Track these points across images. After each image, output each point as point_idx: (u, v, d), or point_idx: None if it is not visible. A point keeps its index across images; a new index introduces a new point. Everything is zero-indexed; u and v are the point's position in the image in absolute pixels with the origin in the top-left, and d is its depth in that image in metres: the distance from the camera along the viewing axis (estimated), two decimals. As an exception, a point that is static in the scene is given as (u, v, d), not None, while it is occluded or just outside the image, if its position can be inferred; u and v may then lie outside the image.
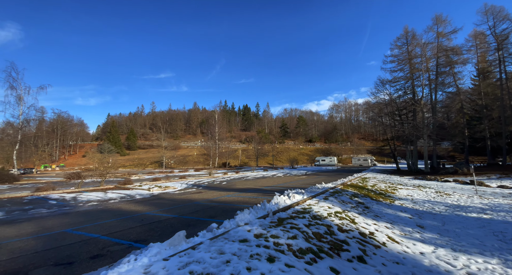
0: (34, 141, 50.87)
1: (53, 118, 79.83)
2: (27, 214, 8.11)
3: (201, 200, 10.11)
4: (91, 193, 13.24)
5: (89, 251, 4.12)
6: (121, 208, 8.88)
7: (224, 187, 15.97)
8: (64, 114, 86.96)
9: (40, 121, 60.38)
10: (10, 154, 35.21)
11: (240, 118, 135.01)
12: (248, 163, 69.89)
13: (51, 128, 79.78)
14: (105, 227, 5.84)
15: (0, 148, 39.46)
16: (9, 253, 4.15)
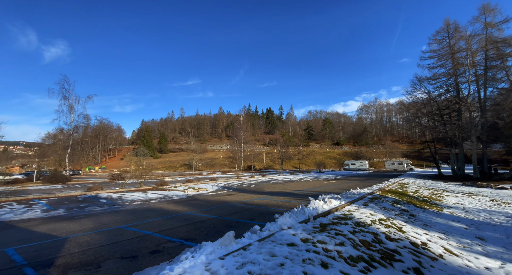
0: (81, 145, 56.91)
1: (96, 125, 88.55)
2: (84, 211, 9.05)
3: (235, 202, 10.32)
4: (133, 193, 14.34)
5: (147, 246, 4.46)
6: (163, 207, 9.46)
7: (253, 189, 16.10)
8: (105, 121, 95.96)
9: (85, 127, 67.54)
10: (62, 157, 39.86)
11: (263, 121, 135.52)
12: (273, 166, 69.56)
13: (94, 134, 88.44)
14: (154, 225, 6.28)
15: (54, 152, 44.96)
16: (79, 246, 4.68)
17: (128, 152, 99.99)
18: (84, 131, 68.84)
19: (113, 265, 3.58)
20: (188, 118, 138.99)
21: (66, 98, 28.81)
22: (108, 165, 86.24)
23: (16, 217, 7.93)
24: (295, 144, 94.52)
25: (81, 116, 31.26)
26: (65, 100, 28.81)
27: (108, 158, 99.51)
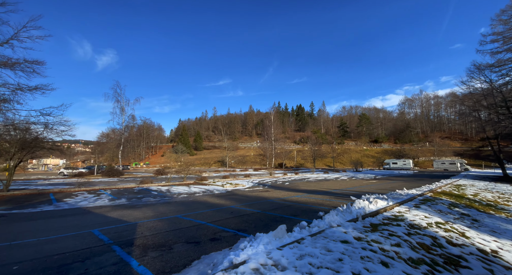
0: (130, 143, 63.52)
1: (140, 125, 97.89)
2: (141, 201, 10.24)
3: (273, 198, 10.53)
4: (178, 187, 15.64)
5: (205, 234, 4.92)
6: (207, 200, 10.16)
7: (288, 187, 16.12)
8: (147, 121, 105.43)
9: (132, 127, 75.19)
10: (115, 153, 45.21)
11: (293, 118, 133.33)
12: (304, 164, 68.19)
13: (139, 132, 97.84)
14: (205, 216, 6.83)
15: (108, 149, 51.19)
16: (148, 230, 5.37)
17: (167, 149, 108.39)
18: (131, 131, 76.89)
19: (182, 248, 4.07)
20: (220, 117, 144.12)
21: (118, 101, 32.68)
22: (151, 161, 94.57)
23: (90, 204, 9.38)
24: (328, 141, 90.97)
25: (130, 117, 34.98)
26: (117, 103, 32.72)
27: (151, 154, 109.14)
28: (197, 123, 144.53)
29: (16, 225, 6.12)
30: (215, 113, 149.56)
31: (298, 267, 2.95)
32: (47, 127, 11.10)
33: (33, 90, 10.17)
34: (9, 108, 9.85)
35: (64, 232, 5.29)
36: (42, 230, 5.57)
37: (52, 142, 12.78)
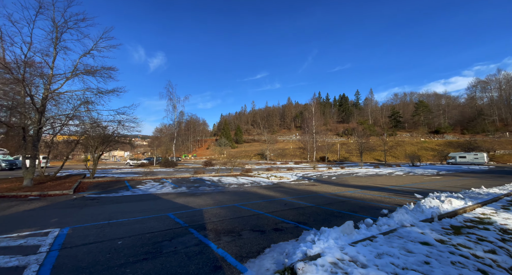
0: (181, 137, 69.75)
1: (188, 120, 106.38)
2: (199, 190, 11.21)
3: (323, 193, 10.25)
4: (227, 178, 16.60)
5: (267, 224, 5.12)
6: (257, 191, 10.51)
7: (336, 182, 15.44)
8: (194, 116, 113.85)
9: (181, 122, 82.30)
10: (169, 146, 50.40)
11: (335, 109, 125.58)
12: (349, 158, 64.08)
13: (187, 127, 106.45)
14: (261, 206, 7.10)
15: (162, 143, 57.32)
16: (214, 217, 5.86)
17: (211, 143, 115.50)
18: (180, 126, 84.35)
19: (250, 235, 4.32)
20: (259, 110, 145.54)
21: (171, 99, 36.15)
22: (198, 153, 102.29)
23: (158, 191, 10.71)
24: (376, 133, 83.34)
25: (180, 113, 38.30)
26: (170, 101, 36.17)
27: (197, 147, 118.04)
28: (237, 118, 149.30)
29: (107, 206, 7.43)
30: (253, 107, 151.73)
31: (380, 266, 2.81)
32: (120, 124, 13.03)
33: (110, 93, 12.03)
34: (94, 109, 11.88)
35: (145, 214, 6.19)
36: (128, 211, 6.63)
37: (124, 136, 14.97)
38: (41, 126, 10.49)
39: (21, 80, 8.98)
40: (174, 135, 36.76)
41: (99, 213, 6.43)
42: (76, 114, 11.72)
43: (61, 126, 11.84)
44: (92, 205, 7.50)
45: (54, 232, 4.60)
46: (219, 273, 2.89)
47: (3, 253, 3.50)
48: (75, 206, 7.32)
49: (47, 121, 11.01)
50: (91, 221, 5.46)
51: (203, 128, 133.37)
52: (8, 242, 4.02)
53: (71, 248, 3.72)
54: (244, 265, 3.08)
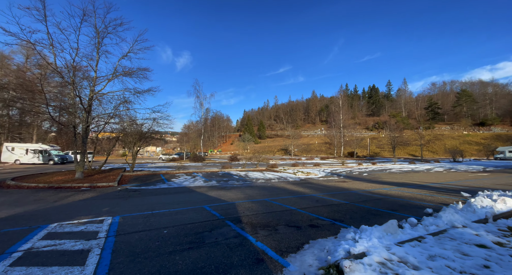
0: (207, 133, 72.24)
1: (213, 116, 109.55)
2: (228, 184, 11.54)
3: (356, 190, 9.84)
4: (254, 173, 16.82)
5: (301, 220, 5.09)
6: (286, 187, 10.49)
7: (368, 178, 14.71)
8: (218, 113, 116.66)
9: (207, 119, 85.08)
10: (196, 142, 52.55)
11: (365, 101, 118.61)
12: (380, 154, 60.48)
13: (212, 124, 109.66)
14: (292, 202, 7.07)
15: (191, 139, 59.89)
16: (248, 210, 5.99)
17: (235, 138, 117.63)
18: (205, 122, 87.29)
19: (286, 231, 4.34)
20: (281, 105, 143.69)
21: (198, 97, 37.43)
22: (223, 148, 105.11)
23: (191, 185, 11.27)
24: (411, 126, 77.28)
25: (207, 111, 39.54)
26: (197, 98, 37.48)
27: (222, 143, 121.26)
28: (259, 113, 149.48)
29: (148, 198, 8.03)
30: (276, 102, 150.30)
31: (434, 268, 2.62)
32: (155, 122, 13.92)
33: (146, 93, 12.87)
34: (132, 108, 12.84)
35: (183, 206, 6.56)
36: (167, 203, 7.09)
37: (158, 133, 15.96)
38: (88, 125, 11.66)
39: (71, 83, 10.05)
40: (201, 132, 38.21)
41: (142, 203, 6.99)
42: (117, 113, 12.76)
43: (104, 124, 13.04)
44: (135, 196, 8.17)
45: (108, 220, 5.12)
46: (262, 265, 2.95)
47: (69, 238, 4.00)
48: (120, 197, 8.05)
49: (93, 120, 12.18)
50: (137, 211, 5.96)
51: (227, 124, 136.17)
52: (71, 227, 4.58)
53: (124, 235, 4.11)
54: (286, 260, 3.10)
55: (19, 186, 9.82)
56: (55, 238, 3.94)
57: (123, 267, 2.92)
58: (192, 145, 60.07)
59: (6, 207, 6.38)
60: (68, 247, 3.58)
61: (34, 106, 10.37)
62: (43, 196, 8.09)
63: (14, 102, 10.69)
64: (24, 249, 3.47)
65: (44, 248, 3.50)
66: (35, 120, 33.44)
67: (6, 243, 3.73)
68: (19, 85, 10.70)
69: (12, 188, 9.62)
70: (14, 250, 3.45)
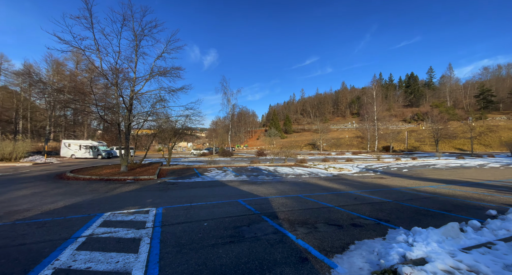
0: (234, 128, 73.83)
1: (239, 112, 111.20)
2: (258, 179, 11.58)
3: (397, 187, 9.08)
4: (282, 168, 16.66)
5: (341, 218, 4.83)
6: (318, 183, 10.14)
7: (409, 174, 13.49)
8: (244, 108, 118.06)
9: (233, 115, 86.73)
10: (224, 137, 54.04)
11: (402, 91, 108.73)
12: (420, 147, 55.20)
13: (238, 119, 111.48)
14: (328, 199, 6.79)
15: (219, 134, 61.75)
16: (282, 206, 5.91)
17: (261, 133, 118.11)
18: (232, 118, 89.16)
19: (326, 229, 4.15)
20: (308, 99, 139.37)
21: (225, 93, 38.23)
22: (249, 143, 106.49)
23: (223, 179, 11.58)
24: (457, 117, 69.04)
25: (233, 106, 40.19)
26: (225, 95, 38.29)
27: (248, 138, 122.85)
28: (285, 107, 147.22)
29: (185, 191, 8.44)
30: (302, 95, 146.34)
31: (518, 283, 2.23)
32: (188, 118, 14.57)
33: (179, 91, 13.49)
34: (167, 106, 13.62)
35: (218, 199, 6.75)
36: (203, 196, 7.36)
37: (190, 129, 16.72)
38: (130, 122, 12.67)
39: (115, 84, 10.97)
40: (229, 127, 39.13)
41: (180, 196, 7.37)
42: (154, 111, 13.61)
43: (143, 121, 14.04)
44: (174, 189, 8.66)
45: (152, 211, 5.49)
46: (307, 265, 2.84)
47: (121, 226, 4.36)
48: (160, 190, 8.61)
49: (133, 118, 13.20)
50: (177, 203, 6.29)
51: (252, 119, 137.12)
52: (122, 217, 4.99)
53: (169, 226, 4.35)
54: (332, 260, 2.95)
55: (77, 178, 11.14)
56: (110, 226, 4.34)
57: (172, 257, 3.07)
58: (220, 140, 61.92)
59: (68, 196, 7.26)
60: (122, 235, 3.89)
61: (86, 106, 11.58)
62: (96, 187, 9.05)
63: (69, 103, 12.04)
64: (86, 235, 3.87)
65: (102, 235, 3.87)
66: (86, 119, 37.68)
67: (71, 228, 4.21)
68: (73, 88, 12.01)
69: (71, 179, 10.97)
70: (78, 235, 3.87)
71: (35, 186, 9.22)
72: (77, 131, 46.86)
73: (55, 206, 5.97)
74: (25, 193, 7.63)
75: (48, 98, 29.19)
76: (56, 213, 5.27)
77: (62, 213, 5.27)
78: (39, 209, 5.68)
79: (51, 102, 32.34)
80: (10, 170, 15.43)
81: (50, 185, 9.34)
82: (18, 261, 2.93)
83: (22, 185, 9.40)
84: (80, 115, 33.27)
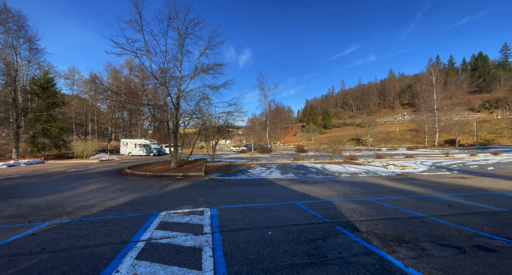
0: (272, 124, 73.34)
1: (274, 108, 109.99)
2: (308, 177, 10.55)
3: (501, 191, 7.00)
4: (331, 165, 15.19)
5: (453, 235, 3.57)
6: (383, 184, 8.61)
7: (500, 173, 10.68)
8: (279, 104, 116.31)
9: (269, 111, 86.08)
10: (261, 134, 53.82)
11: (466, 75, 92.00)
12: (495, 140, 45.69)
13: (274, 115, 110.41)
14: (409, 205, 5.44)
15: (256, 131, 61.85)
16: (356, 214, 4.86)
17: (297, 129, 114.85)
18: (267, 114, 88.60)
19: (441, 252, 3.01)
20: (350, 90, 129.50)
21: (262, 89, 37.68)
22: (285, 140, 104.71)
23: (269, 176, 10.90)
24: (549, 102, 55.23)
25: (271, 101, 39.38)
26: (262, 91, 37.77)
27: (284, 134, 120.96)
28: (323, 101, 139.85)
29: (234, 189, 8.00)
30: (343, 87, 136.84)
31: None
32: (230, 115, 14.34)
33: (223, 87, 13.30)
34: (211, 103, 13.56)
35: (273, 200, 6.04)
36: (255, 195, 6.76)
37: (232, 126, 16.55)
38: (178, 120, 12.99)
39: (163, 83, 11.27)
40: (267, 124, 38.46)
41: (231, 194, 6.92)
42: (198, 108, 13.72)
43: (189, 119, 14.33)
44: (222, 187, 8.33)
45: (207, 211, 5.07)
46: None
47: (179, 230, 3.97)
48: (210, 187, 8.36)
49: (180, 116, 13.52)
50: (230, 203, 5.80)
51: (288, 115, 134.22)
52: (178, 218, 4.66)
53: (228, 233, 3.78)
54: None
55: (133, 174, 11.88)
56: (168, 229, 3.99)
57: (243, 281, 2.42)
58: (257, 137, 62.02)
59: (127, 192, 7.51)
60: (181, 241, 3.46)
61: (138, 105, 12.23)
62: (151, 183, 9.33)
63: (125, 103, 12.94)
64: (145, 239, 3.55)
65: (161, 240, 3.50)
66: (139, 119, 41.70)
67: (130, 229, 3.99)
68: (127, 90, 12.80)
69: (129, 175, 11.73)
70: (137, 238, 3.58)
71: (100, 181, 10.01)
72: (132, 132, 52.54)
73: (116, 202, 6.09)
74: (92, 188, 8.22)
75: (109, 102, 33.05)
76: (117, 210, 5.28)
77: (122, 211, 5.25)
78: (103, 205, 5.83)
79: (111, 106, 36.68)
80: (81, 166, 17.66)
81: (112, 181, 10.04)
82: (80, 270, 2.66)
83: (90, 180, 10.35)
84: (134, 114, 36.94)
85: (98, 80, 15.90)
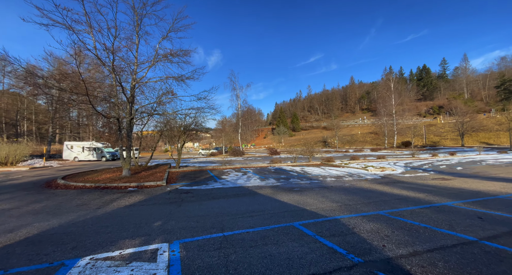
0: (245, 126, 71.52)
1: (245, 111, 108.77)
2: (291, 183, 9.15)
3: (503, 194, 6.51)
4: (310, 168, 14.17)
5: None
6: (377, 189, 7.65)
7: (471, 173, 10.87)
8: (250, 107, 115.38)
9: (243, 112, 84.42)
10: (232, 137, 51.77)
11: (413, 85, 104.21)
12: (440, 142, 51.74)
13: (244, 118, 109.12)
14: (440, 221, 4.30)
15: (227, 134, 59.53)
16: (386, 242, 3.51)
17: (268, 132, 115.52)
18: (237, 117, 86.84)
19: None
20: (315, 95, 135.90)
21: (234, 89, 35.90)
22: (256, 142, 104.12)
23: (247, 184, 9.18)
24: (477, 109, 65.06)
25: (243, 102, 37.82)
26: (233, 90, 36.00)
27: (255, 137, 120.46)
28: (292, 105, 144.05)
29: (206, 203, 6.10)
30: (309, 92, 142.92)
31: None
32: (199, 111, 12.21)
33: (189, 79, 11.17)
34: (176, 96, 11.26)
35: (262, 222, 4.36)
36: (235, 214, 5.00)
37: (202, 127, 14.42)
38: (132, 117, 10.42)
39: (111, 67, 8.73)
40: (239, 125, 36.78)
41: (202, 214, 5.03)
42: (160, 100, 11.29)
43: (148, 116, 11.79)
44: (189, 201, 6.34)
45: (163, 252, 3.14)
46: None
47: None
48: (172, 202, 6.29)
49: (137, 112, 10.96)
50: (201, 231, 3.95)
51: (258, 118, 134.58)
52: (108, 272, 2.65)
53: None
54: None
55: (67, 186, 8.97)
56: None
57: None
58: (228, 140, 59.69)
59: (43, 216, 5.03)
60: None
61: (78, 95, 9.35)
62: (87, 199, 6.81)
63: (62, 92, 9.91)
64: None
65: None
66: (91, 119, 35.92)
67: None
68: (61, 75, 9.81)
69: (60, 188, 8.79)
70: None
71: (10, 198, 7.06)
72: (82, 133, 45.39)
73: (12, 238, 3.71)
74: (-16, 213, 5.43)
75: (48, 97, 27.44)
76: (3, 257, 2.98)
77: (9, 259, 2.97)
78: (-23, 248, 3.41)
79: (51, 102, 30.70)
80: (0, 175, 13.49)
81: (29, 198, 7.16)
82: None
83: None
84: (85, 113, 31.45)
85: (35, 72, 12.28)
